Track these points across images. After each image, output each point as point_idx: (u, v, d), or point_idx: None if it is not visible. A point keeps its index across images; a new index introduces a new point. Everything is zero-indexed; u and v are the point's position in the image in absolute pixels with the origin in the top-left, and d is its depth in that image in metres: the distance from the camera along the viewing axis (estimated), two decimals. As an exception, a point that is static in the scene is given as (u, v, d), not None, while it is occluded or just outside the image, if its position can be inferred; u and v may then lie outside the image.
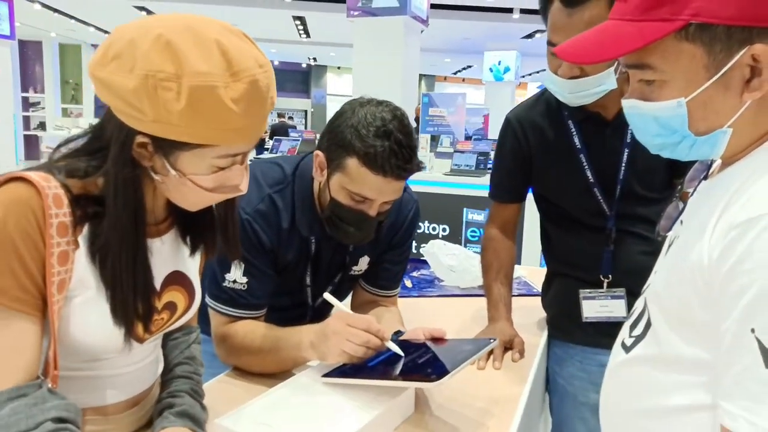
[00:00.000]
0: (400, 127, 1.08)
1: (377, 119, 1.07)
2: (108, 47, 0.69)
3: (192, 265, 0.92)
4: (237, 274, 1.14)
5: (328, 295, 1.14)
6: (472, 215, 4.37)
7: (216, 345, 1.19)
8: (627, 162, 1.31)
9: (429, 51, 12.06)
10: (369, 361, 1.02)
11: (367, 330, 1.01)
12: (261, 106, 0.72)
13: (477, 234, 4.30)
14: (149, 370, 0.91)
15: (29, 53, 13.44)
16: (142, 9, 10.11)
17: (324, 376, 1.02)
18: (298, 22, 11.17)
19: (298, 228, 1.20)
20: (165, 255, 0.86)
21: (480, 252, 1.53)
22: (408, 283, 1.92)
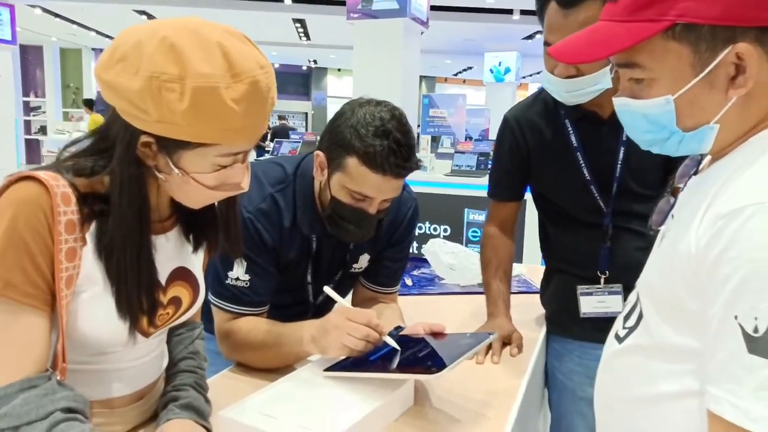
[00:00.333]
0: (398, 127, 1.10)
1: (376, 119, 1.09)
2: (114, 50, 0.72)
3: (196, 262, 0.94)
4: (240, 271, 1.16)
5: (328, 289, 1.16)
6: (473, 215, 4.39)
7: (219, 341, 1.21)
8: (623, 160, 1.34)
9: (430, 52, 12.10)
10: (370, 355, 1.04)
11: (367, 324, 1.03)
12: (262, 106, 0.74)
13: (478, 234, 4.32)
14: (154, 364, 0.93)
15: (30, 58, 13.51)
16: (142, 13, 10.15)
17: (326, 370, 1.04)
18: (298, 24, 11.22)
19: (299, 226, 1.22)
20: (169, 251, 0.88)
21: (479, 250, 1.55)
22: (408, 282, 1.94)
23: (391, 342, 1.04)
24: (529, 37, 10.70)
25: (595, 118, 1.34)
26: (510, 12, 9.49)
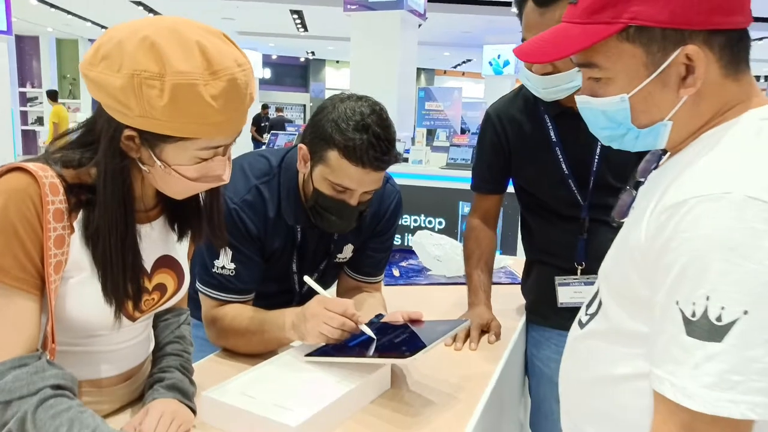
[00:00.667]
0: (378, 121, 1.14)
1: (356, 114, 1.13)
2: (98, 49, 0.76)
3: (181, 251, 0.98)
4: (225, 260, 1.21)
5: (308, 278, 1.20)
6: (468, 208, 4.43)
7: (206, 327, 1.26)
8: (600, 155, 1.37)
9: (428, 45, 12.08)
10: (349, 341, 1.08)
11: (344, 314, 1.08)
12: (240, 102, 0.78)
13: (473, 227, 4.34)
14: (141, 347, 0.97)
15: (26, 48, 13.47)
16: (139, 4, 10.11)
17: (307, 355, 1.09)
18: (295, 16, 11.18)
19: (283, 217, 1.26)
20: (154, 239, 0.92)
21: (463, 241, 1.59)
22: (396, 273, 1.98)
23: (368, 331, 1.08)
24: (528, 31, 10.67)
25: (573, 113, 1.36)
26: (509, 4, 9.42)
